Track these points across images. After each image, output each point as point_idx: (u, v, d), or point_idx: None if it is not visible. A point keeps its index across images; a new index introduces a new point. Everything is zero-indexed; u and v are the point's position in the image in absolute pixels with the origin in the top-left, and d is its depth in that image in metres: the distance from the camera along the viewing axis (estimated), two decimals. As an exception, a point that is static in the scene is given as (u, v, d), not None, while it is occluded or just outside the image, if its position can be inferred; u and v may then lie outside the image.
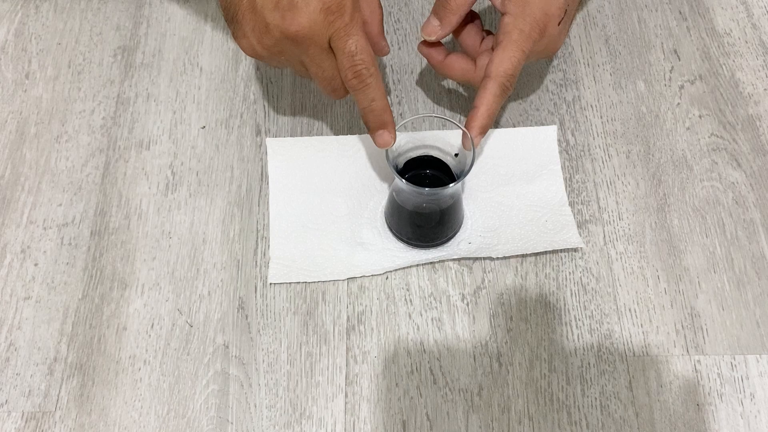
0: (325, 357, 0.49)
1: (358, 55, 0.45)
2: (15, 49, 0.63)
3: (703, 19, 0.64)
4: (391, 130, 0.47)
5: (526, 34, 0.48)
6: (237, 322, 0.50)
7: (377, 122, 0.47)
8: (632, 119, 0.59)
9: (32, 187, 0.56)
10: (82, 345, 0.49)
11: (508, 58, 0.48)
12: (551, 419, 0.47)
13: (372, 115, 0.47)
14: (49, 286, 0.52)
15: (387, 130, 0.47)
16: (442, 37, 0.51)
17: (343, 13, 0.44)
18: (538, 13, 0.48)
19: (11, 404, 0.47)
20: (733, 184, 0.55)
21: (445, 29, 0.50)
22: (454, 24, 0.50)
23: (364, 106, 0.47)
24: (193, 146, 0.58)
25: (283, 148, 0.57)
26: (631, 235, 0.53)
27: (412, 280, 0.52)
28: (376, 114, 0.47)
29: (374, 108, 0.47)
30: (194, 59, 0.62)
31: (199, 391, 0.48)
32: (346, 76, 0.46)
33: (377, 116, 0.47)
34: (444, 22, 0.50)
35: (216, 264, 0.52)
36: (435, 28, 0.50)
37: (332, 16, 0.44)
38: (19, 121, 0.59)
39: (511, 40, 0.48)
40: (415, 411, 0.47)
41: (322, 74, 0.47)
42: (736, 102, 0.59)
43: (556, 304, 0.51)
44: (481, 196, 0.54)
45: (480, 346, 0.49)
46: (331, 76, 0.47)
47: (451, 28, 0.50)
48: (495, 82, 0.48)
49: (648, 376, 0.48)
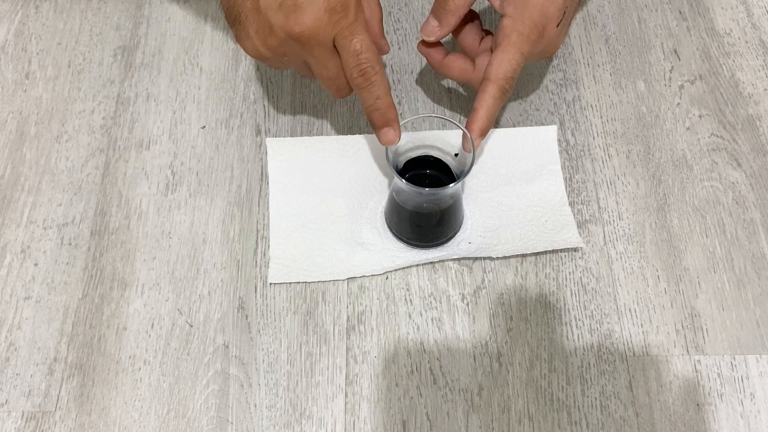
0: (325, 357, 0.49)
1: (363, 54, 0.45)
2: (15, 49, 0.63)
3: (703, 19, 0.64)
4: (396, 127, 0.48)
5: (525, 36, 0.48)
6: (237, 322, 0.50)
7: (382, 120, 0.47)
8: (632, 119, 0.59)
9: (32, 187, 0.56)
10: (82, 345, 0.49)
11: (507, 60, 0.48)
12: (551, 419, 0.47)
13: (377, 113, 0.47)
14: (49, 286, 0.52)
15: (392, 127, 0.48)
16: (440, 38, 0.51)
17: (347, 12, 0.44)
18: (536, 15, 0.48)
19: (11, 404, 0.47)
20: (733, 184, 0.55)
21: (443, 30, 0.50)
22: (453, 25, 0.50)
23: (369, 104, 0.47)
24: (193, 146, 0.58)
25: (283, 148, 0.57)
26: (631, 235, 0.53)
27: (412, 280, 0.52)
28: (381, 112, 0.47)
29: (379, 106, 0.47)
30: (194, 59, 0.62)
31: (199, 391, 0.48)
32: (351, 74, 0.46)
33: (382, 114, 0.47)
34: (443, 23, 0.50)
35: (216, 264, 0.52)
36: (434, 29, 0.50)
37: (336, 16, 0.44)
38: (19, 121, 0.59)
39: (510, 43, 0.48)
40: (415, 411, 0.47)
41: (327, 74, 0.47)
42: (736, 102, 0.59)
43: (556, 304, 0.51)
44: (481, 196, 0.54)
45: (480, 346, 0.49)
46: (336, 75, 0.47)
47: (449, 28, 0.50)
48: (494, 84, 0.48)
49: (648, 376, 0.48)
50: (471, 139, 0.47)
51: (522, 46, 0.48)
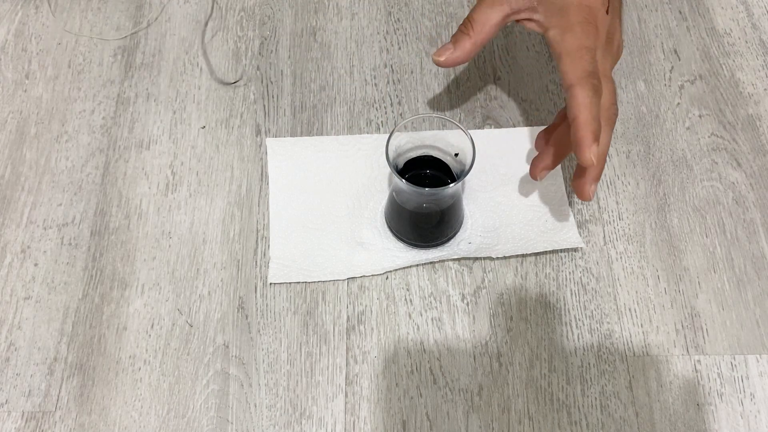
0: (325, 357, 0.49)
1: None
2: (15, 49, 0.63)
3: (703, 19, 0.64)
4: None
5: (579, 33, 0.44)
6: (237, 322, 0.50)
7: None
8: (632, 119, 0.59)
9: (32, 187, 0.56)
10: (82, 345, 0.49)
11: (578, 58, 0.43)
12: (551, 419, 0.47)
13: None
14: (49, 286, 0.52)
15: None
16: (453, 63, 0.48)
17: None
18: (580, 12, 0.45)
19: (11, 404, 0.47)
20: (733, 184, 0.55)
21: (456, 53, 0.48)
22: (467, 51, 0.48)
23: None
24: (193, 146, 0.58)
25: (283, 148, 0.57)
26: (631, 235, 0.53)
27: (412, 280, 0.52)
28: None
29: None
30: (194, 59, 0.62)
31: (199, 391, 0.48)
32: None
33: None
34: (457, 46, 0.48)
35: (216, 264, 0.52)
36: (445, 50, 0.48)
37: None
38: (19, 121, 0.59)
39: (568, 45, 0.44)
40: (415, 411, 0.47)
41: None
42: (736, 102, 0.59)
43: (556, 304, 0.51)
44: (481, 196, 0.54)
45: (480, 346, 0.49)
46: None
47: (462, 53, 0.48)
48: (578, 86, 0.43)
49: (648, 376, 0.48)
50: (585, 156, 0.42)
51: (583, 41, 0.44)
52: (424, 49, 0.62)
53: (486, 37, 0.48)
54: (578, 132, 0.42)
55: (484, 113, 0.59)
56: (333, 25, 0.64)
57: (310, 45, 0.63)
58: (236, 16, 0.65)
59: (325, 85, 0.61)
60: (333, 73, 0.61)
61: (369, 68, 0.61)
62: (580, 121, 0.42)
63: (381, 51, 0.62)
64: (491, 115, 0.59)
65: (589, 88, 0.42)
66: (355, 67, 0.62)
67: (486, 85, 0.61)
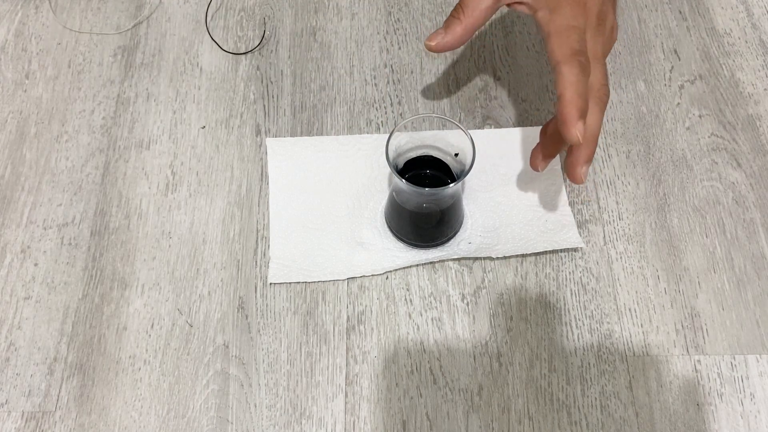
0: (325, 357, 0.49)
1: None
2: (15, 49, 0.63)
3: (703, 19, 0.64)
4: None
5: (568, 13, 0.44)
6: (237, 322, 0.50)
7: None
8: (632, 119, 0.59)
9: (32, 187, 0.56)
10: (82, 345, 0.49)
11: (565, 37, 0.43)
12: (551, 419, 0.47)
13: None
14: (49, 286, 0.52)
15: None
16: (445, 47, 0.48)
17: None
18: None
19: (11, 404, 0.47)
20: (733, 184, 0.55)
21: (447, 37, 0.48)
22: (459, 35, 0.47)
23: None
24: (193, 146, 0.58)
25: (283, 148, 0.57)
26: (631, 235, 0.53)
27: (412, 280, 0.52)
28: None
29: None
30: (194, 59, 0.62)
31: (199, 391, 0.48)
32: None
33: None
34: (448, 31, 0.47)
35: (216, 264, 0.52)
36: (436, 35, 0.48)
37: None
38: (19, 121, 0.59)
39: (556, 25, 0.44)
40: (415, 411, 0.47)
41: None
42: (736, 102, 0.59)
43: (556, 304, 0.51)
44: (481, 196, 0.54)
45: (480, 346, 0.49)
46: None
47: (453, 38, 0.48)
48: (564, 64, 0.42)
49: (648, 376, 0.48)
50: (570, 133, 0.42)
51: (570, 20, 0.44)
52: (424, 49, 0.62)
53: (477, 21, 0.47)
54: (563, 109, 0.42)
55: (484, 113, 0.59)
56: (333, 25, 0.64)
57: (310, 45, 0.63)
58: (236, 16, 0.65)
59: (325, 85, 0.61)
60: (333, 73, 0.61)
61: (369, 68, 0.61)
62: (566, 98, 0.42)
63: (381, 51, 0.62)
64: (491, 115, 0.59)
65: (576, 65, 0.42)
66: (355, 67, 0.62)
67: (486, 85, 0.61)
